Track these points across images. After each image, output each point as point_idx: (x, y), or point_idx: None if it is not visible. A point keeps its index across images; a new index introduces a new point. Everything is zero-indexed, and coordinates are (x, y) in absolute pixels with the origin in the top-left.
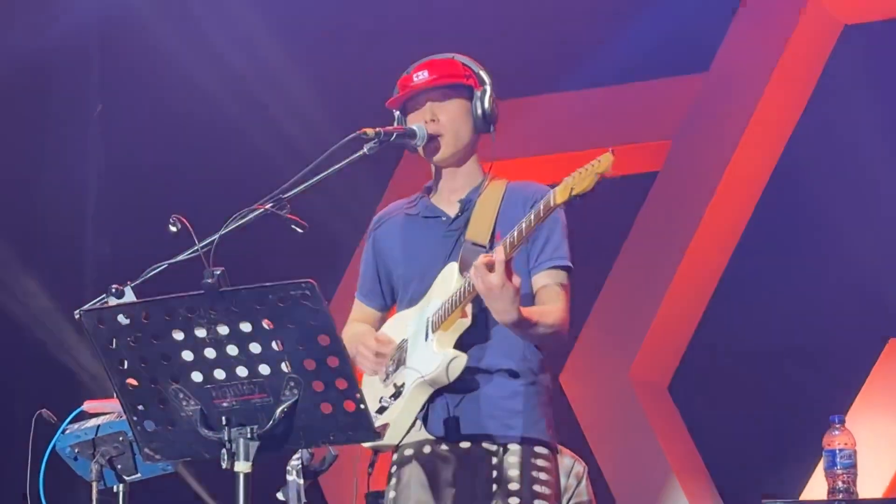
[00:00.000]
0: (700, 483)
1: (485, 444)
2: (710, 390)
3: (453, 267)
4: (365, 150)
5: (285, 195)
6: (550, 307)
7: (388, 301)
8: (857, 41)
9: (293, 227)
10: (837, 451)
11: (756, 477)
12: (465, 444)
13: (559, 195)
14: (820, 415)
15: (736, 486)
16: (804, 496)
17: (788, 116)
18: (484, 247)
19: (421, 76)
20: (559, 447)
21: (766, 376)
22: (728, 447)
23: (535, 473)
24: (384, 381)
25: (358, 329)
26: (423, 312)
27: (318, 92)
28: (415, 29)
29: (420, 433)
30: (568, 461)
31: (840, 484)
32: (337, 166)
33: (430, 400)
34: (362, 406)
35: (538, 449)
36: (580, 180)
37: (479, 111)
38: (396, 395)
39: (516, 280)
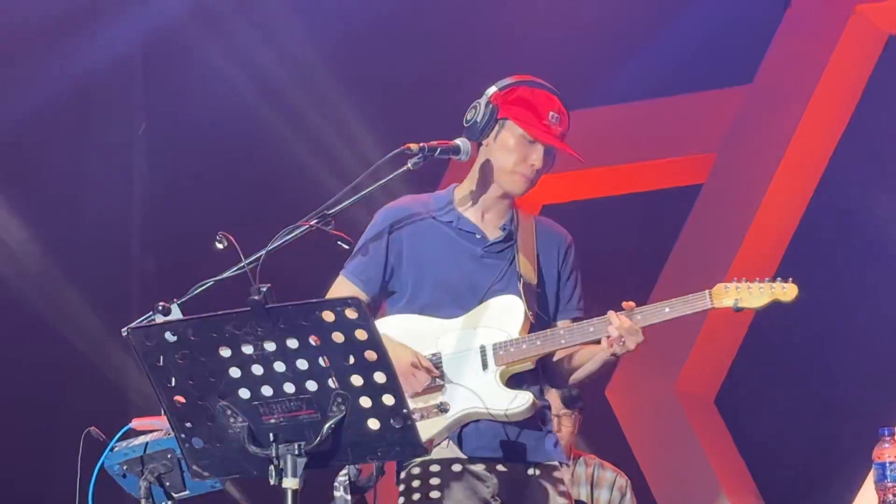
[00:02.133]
0: (747, 497)
1: (522, 464)
2: (756, 403)
3: (517, 302)
4: (409, 165)
5: (330, 211)
6: None
7: (380, 292)
8: None
9: (339, 242)
10: (888, 464)
11: (804, 490)
12: (497, 465)
13: (720, 300)
14: (869, 427)
15: (784, 500)
16: None
17: (833, 128)
18: (534, 285)
19: (555, 120)
20: (600, 461)
21: (813, 389)
22: (775, 460)
23: (562, 488)
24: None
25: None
26: (471, 336)
27: (361, 107)
28: (458, 43)
29: (447, 450)
30: (610, 475)
31: (891, 497)
32: (381, 182)
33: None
34: (409, 422)
35: (558, 468)
36: (751, 296)
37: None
38: (442, 410)
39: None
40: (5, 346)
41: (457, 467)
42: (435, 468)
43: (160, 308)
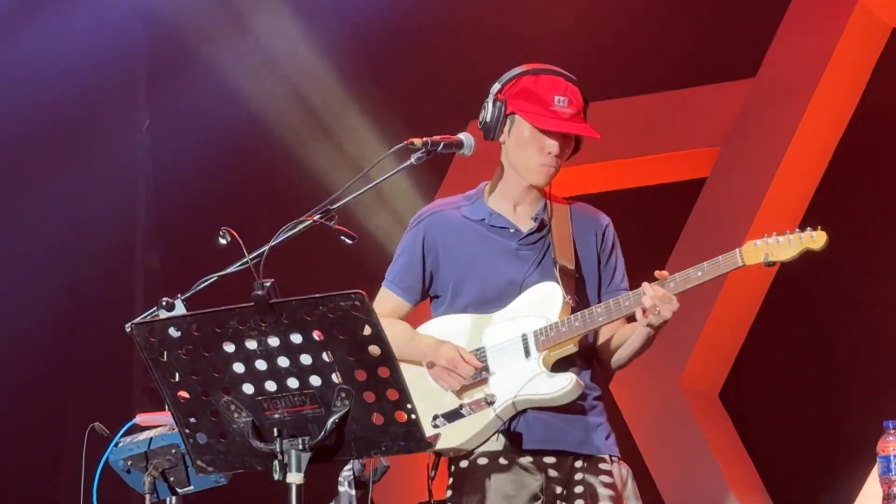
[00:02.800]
0: (753, 491)
1: (567, 458)
2: (761, 398)
3: (555, 288)
4: (412, 159)
5: (333, 206)
6: None
7: (422, 298)
8: None
9: (342, 237)
10: (892, 457)
11: (809, 484)
12: (545, 457)
13: (750, 259)
14: (874, 420)
15: (789, 494)
16: (858, 503)
17: (837, 120)
18: (572, 269)
19: (562, 104)
20: None
21: (818, 382)
22: (781, 454)
23: (604, 479)
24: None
25: (405, 331)
26: (512, 326)
27: (366, 102)
28: (460, 38)
29: (496, 443)
30: None
31: (895, 490)
32: (385, 176)
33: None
34: (413, 416)
35: (606, 460)
36: (780, 249)
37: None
38: (489, 403)
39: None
40: (10, 342)
41: (504, 460)
42: (483, 461)
43: (164, 304)
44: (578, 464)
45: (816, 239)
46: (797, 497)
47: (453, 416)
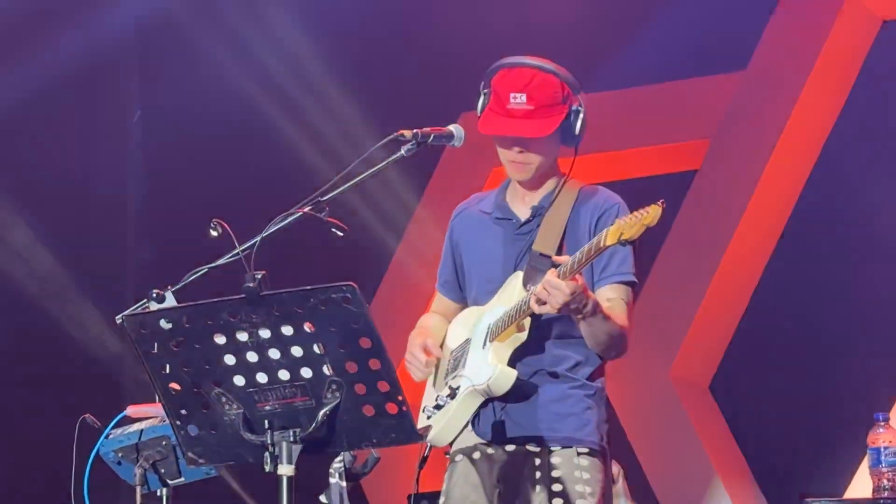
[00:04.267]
0: (743, 482)
1: (530, 447)
2: (751, 389)
3: (518, 277)
4: (403, 151)
5: (324, 198)
6: (616, 311)
7: (465, 293)
8: None
9: (333, 229)
10: (882, 449)
11: (799, 476)
12: (510, 447)
13: (610, 238)
14: (864, 412)
15: (779, 485)
16: (848, 495)
17: (827, 113)
18: (549, 257)
19: (518, 101)
20: None
21: (808, 374)
22: (771, 446)
23: (578, 474)
24: (444, 377)
25: (424, 323)
26: (487, 317)
27: (356, 94)
28: (453, 30)
29: (471, 437)
30: None
31: (885, 482)
32: (375, 168)
33: (483, 404)
34: (404, 408)
35: (582, 450)
36: (629, 227)
37: (571, 133)
38: (452, 396)
39: (580, 280)
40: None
41: (477, 454)
42: (459, 456)
43: (155, 295)
44: (546, 454)
45: (651, 214)
46: (787, 488)
47: (437, 407)
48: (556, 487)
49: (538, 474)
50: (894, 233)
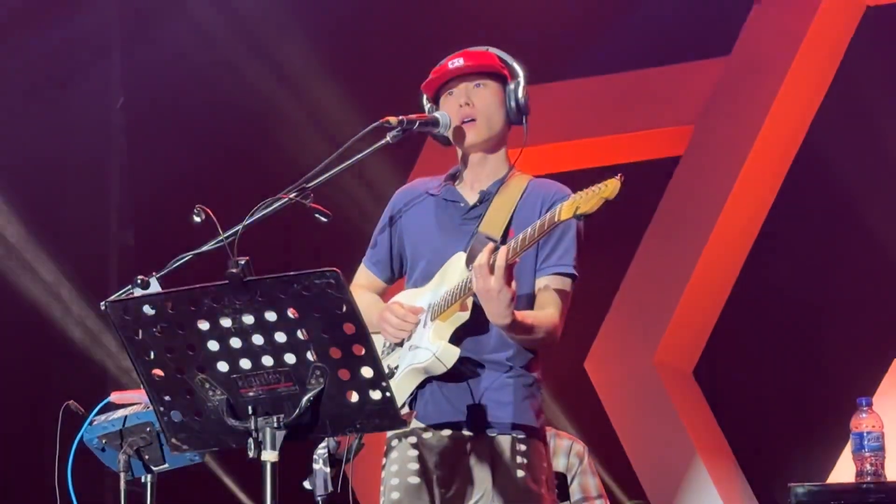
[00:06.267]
0: (726, 467)
1: (466, 432)
2: (735, 374)
3: (461, 257)
4: (388, 138)
5: (309, 184)
6: (545, 313)
7: (396, 274)
8: (880, 22)
9: (317, 216)
10: (865, 434)
11: (783, 461)
12: (446, 432)
13: (565, 211)
14: (847, 398)
15: (762, 470)
16: (831, 479)
17: (811, 99)
18: (495, 241)
19: (456, 63)
20: (556, 431)
21: (791, 360)
22: (754, 431)
23: (520, 459)
24: (382, 357)
25: (371, 299)
26: (428, 296)
27: (341, 80)
28: (439, 16)
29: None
30: (566, 442)
31: (868, 466)
32: (360, 155)
33: (421, 386)
34: (388, 394)
35: (522, 436)
36: (586, 200)
37: (513, 102)
38: (391, 376)
39: (514, 286)
40: None
41: (412, 439)
42: (394, 442)
43: (139, 281)
44: (484, 439)
45: (609, 187)
46: (770, 473)
47: None
48: (497, 472)
49: (476, 459)
50: (877, 218)
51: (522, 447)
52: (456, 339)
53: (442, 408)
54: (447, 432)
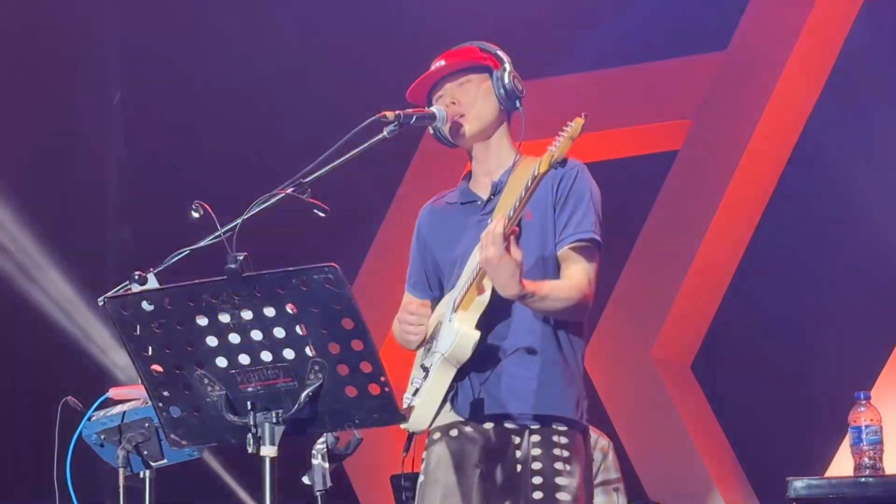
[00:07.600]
0: (724, 461)
1: (507, 425)
2: (733, 368)
3: (476, 252)
4: (385, 133)
5: (306, 179)
6: (565, 281)
7: (437, 291)
8: (877, 16)
9: (315, 210)
10: (863, 428)
11: (781, 454)
12: (488, 425)
13: (543, 164)
14: (845, 391)
15: (761, 464)
16: (830, 473)
17: (808, 93)
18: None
19: (438, 65)
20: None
21: (790, 353)
22: (752, 425)
23: (557, 451)
24: (420, 364)
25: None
26: (453, 293)
27: (339, 76)
28: (435, 14)
29: (449, 415)
30: (591, 436)
31: (866, 460)
32: (357, 150)
33: (458, 380)
34: (387, 389)
35: (561, 427)
36: (559, 147)
37: (501, 89)
38: (426, 377)
39: (516, 253)
40: None
41: (454, 431)
42: (435, 436)
43: (137, 277)
44: (525, 432)
45: (574, 126)
46: (768, 468)
47: (416, 392)
48: (536, 466)
49: (518, 453)
50: (874, 211)
51: (563, 440)
52: (484, 327)
53: (482, 401)
54: (488, 425)
